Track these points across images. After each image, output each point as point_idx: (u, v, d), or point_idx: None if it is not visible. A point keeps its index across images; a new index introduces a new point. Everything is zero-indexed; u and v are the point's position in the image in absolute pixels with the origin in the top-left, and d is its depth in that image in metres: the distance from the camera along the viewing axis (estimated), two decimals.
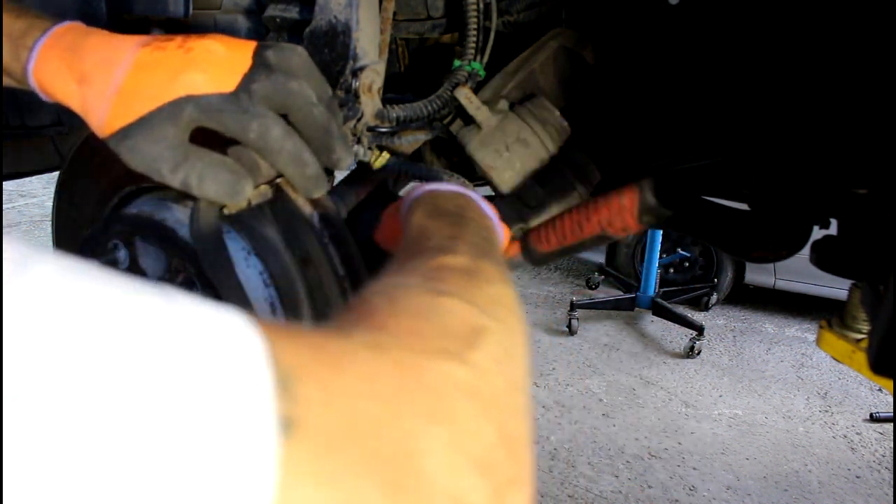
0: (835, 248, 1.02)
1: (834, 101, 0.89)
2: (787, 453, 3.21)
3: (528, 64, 1.03)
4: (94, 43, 0.59)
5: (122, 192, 0.71)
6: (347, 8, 0.83)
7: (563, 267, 5.68)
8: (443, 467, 0.29)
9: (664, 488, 2.83)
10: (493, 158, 0.97)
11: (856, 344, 1.05)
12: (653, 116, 1.14)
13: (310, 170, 0.60)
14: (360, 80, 0.86)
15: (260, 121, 0.57)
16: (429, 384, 0.31)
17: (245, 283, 0.63)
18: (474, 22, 0.95)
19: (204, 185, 0.57)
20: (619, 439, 3.16)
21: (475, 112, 0.96)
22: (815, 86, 0.90)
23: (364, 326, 0.36)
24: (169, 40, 0.58)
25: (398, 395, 0.29)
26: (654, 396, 3.68)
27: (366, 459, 0.26)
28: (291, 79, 0.59)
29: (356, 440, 0.26)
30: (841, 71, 0.85)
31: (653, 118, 1.14)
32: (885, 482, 3.02)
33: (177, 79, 0.56)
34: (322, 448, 0.25)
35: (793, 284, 4.46)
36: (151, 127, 0.56)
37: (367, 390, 0.28)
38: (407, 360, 0.32)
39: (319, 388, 0.26)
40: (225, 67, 0.57)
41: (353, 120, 0.88)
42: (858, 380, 3.85)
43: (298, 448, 0.24)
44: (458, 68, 0.96)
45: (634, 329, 4.52)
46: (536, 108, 0.98)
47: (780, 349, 4.32)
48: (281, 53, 0.59)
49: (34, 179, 6.91)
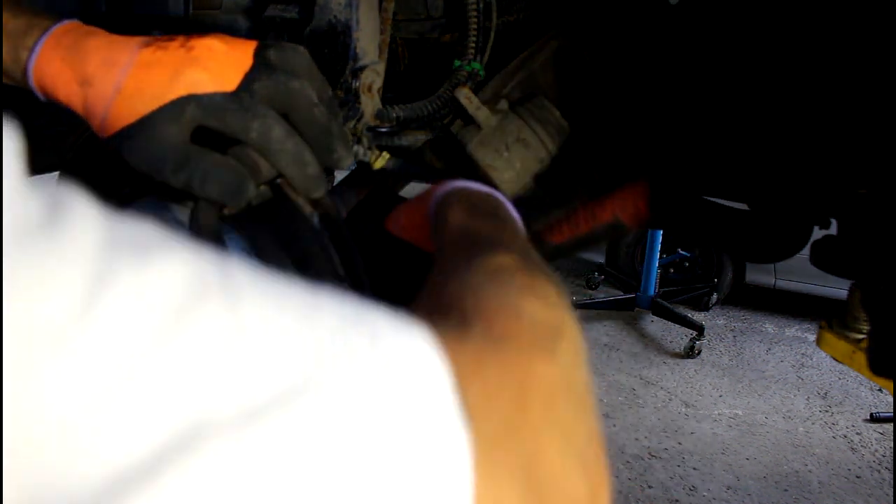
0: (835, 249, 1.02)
1: (834, 101, 0.89)
2: (787, 453, 3.20)
3: (528, 64, 1.03)
4: (96, 43, 0.59)
5: (121, 192, 0.71)
6: (347, 8, 0.83)
7: (563, 267, 5.68)
8: (559, 468, 0.30)
9: (664, 488, 2.83)
10: (493, 158, 0.97)
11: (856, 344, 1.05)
12: (653, 116, 1.14)
13: (310, 170, 0.60)
14: (360, 80, 0.86)
15: (261, 120, 0.57)
16: (539, 384, 0.32)
17: None
18: (474, 22, 0.95)
19: (206, 185, 0.57)
20: (619, 439, 3.16)
21: (475, 112, 0.96)
22: (815, 85, 0.90)
23: (476, 326, 0.37)
24: (171, 40, 0.58)
25: (522, 397, 0.31)
26: (655, 396, 3.68)
27: (506, 462, 0.28)
28: (293, 78, 0.58)
29: (501, 444, 0.28)
30: (841, 71, 0.85)
31: (653, 118, 1.14)
32: (886, 482, 3.01)
33: (178, 77, 0.56)
34: (483, 459, 0.27)
35: (793, 284, 4.46)
36: (153, 126, 0.56)
37: (503, 394, 0.30)
38: (519, 360, 0.33)
39: (480, 396, 0.28)
40: (226, 66, 0.57)
41: (353, 120, 0.88)
42: (859, 380, 3.85)
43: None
44: (458, 68, 0.96)
45: (634, 329, 4.52)
46: (536, 108, 0.98)
47: (781, 349, 4.32)
48: (282, 52, 0.59)
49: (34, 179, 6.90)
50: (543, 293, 0.42)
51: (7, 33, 0.60)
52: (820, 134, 0.93)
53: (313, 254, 0.65)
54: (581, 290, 5.19)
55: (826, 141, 0.93)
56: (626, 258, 4.99)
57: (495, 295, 0.40)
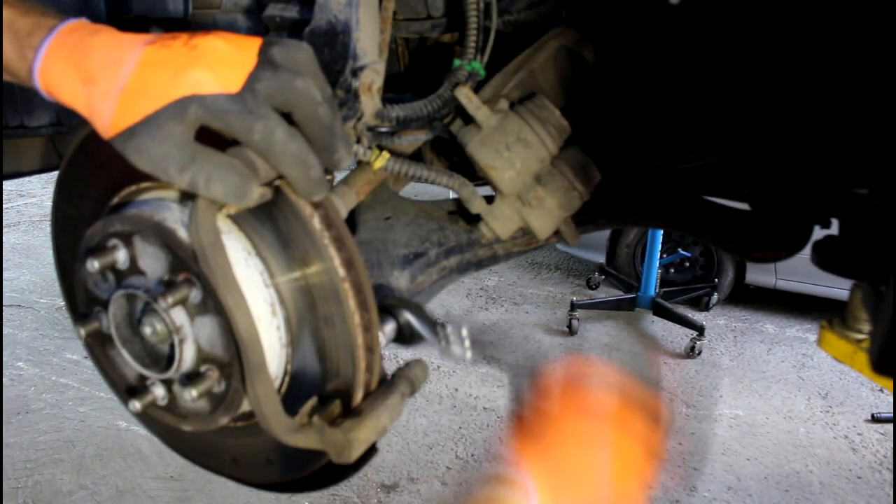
0: (836, 248, 1.02)
1: (834, 101, 0.88)
2: (788, 454, 3.20)
3: (529, 64, 1.02)
4: (101, 42, 0.59)
5: (121, 191, 0.71)
6: (347, 7, 0.83)
7: (563, 267, 5.68)
8: None
9: (664, 488, 2.83)
10: (494, 158, 0.96)
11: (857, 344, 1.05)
12: (653, 116, 1.14)
13: (313, 172, 0.60)
14: (359, 79, 0.86)
15: (264, 122, 0.56)
16: None
17: (244, 284, 0.63)
18: (474, 21, 0.95)
19: (212, 186, 0.56)
20: None
21: (475, 111, 0.96)
22: (815, 86, 0.90)
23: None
24: (174, 38, 0.58)
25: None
26: None
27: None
28: (297, 77, 0.58)
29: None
30: (841, 71, 0.85)
31: (653, 118, 1.14)
32: (887, 483, 3.01)
33: (182, 76, 0.55)
34: None
35: (794, 284, 4.46)
36: (158, 126, 0.55)
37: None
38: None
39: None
40: (230, 65, 0.57)
41: (353, 120, 0.88)
42: (860, 380, 3.85)
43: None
44: (459, 68, 0.96)
45: (635, 329, 4.52)
46: (536, 108, 0.98)
47: (781, 349, 4.32)
48: (286, 51, 0.59)
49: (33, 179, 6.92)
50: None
51: (14, 33, 0.60)
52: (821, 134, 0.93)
53: (313, 255, 0.65)
54: (581, 290, 5.19)
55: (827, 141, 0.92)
56: (626, 258, 4.99)
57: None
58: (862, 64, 0.83)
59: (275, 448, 0.74)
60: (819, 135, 0.93)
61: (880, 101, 0.82)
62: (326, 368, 0.68)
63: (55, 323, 4.45)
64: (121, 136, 0.57)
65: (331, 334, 0.67)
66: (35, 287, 5.01)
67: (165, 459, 3.10)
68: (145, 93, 0.56)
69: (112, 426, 3.36)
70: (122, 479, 3.03)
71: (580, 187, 1.02)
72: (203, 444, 0.80)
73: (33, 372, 3.87)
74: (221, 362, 0.64)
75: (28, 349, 4.11)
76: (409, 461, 3.16)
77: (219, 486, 2.92)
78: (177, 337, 0.63)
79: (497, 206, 1.02)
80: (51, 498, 2.90)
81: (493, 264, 1.10)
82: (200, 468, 0.84)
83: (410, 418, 3.44)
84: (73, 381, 3.78)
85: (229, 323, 0.61)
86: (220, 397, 0.66)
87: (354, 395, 0.67)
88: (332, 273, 0.65)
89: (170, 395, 0.68)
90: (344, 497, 2.90)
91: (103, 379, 0.76)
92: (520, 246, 1.08)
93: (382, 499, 2.92)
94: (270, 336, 0.66)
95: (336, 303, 0.65)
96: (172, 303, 0.61)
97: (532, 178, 0.99)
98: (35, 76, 0.60)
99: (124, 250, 0.65)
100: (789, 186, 1.07)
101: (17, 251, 5.77)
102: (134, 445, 3.22)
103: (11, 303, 4.74)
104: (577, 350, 4.18)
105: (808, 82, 0.90)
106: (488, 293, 5.09)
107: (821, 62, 0.87)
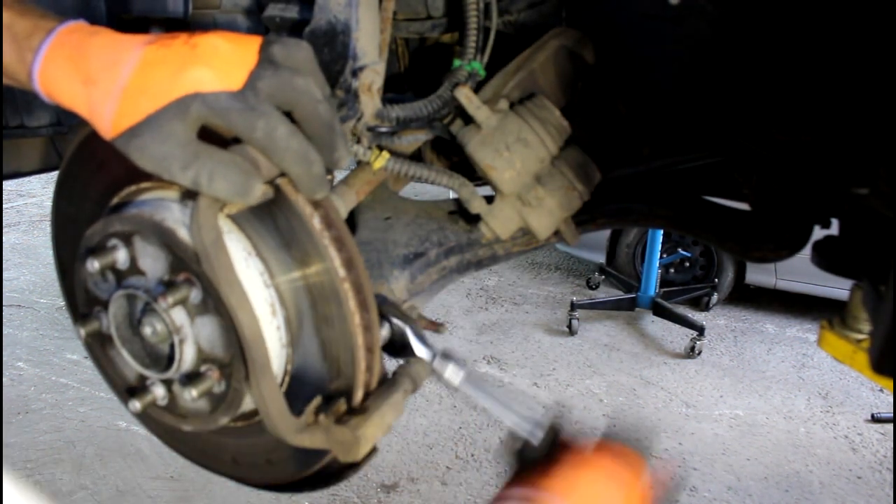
0: (836, 248, 1.02)
1: (835, 101, 0.88)
2: (788, 454, 3.20)
3: (528, 64, 1.02)
4: (100, 43, 0.59)
5: (121, 191, 0.71)
6: (347, 7, 0.83)
7: (563, 267, 5.68)
8: None
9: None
10: (493, 158, 0.96)
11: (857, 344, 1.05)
12: (653, 116, 1.14)
13: (315, 169, 0.60)
14: (359, 79, 0.86)
15: (266, 119, 0.56)
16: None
17: (245, 284, 0.63)
18: (474, 21, 0.95)
19: (215, 183, 0.57)
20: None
21: (475, 112, 0.96)
22: (816, 86, 0.90)
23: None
24: (174, 38, 0.58)
25: None
26: (655, 397, 3.68)
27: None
28: (297, 75, 0.58)
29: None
30: (842, 71, 0.85)
31: (653, 118, 1.14)
32: (887, 483, 3.01)
33: (183, 74, 0.55)
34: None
35: (794, 284, 4.45)
36: (160, 125, 0.55)
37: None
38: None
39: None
40: (231, 63, 0.57)
41: (353, 120, 0.88)
42: (860, 380, 3.85)
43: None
44: (458, 68, 0.96)
45: (635, 329, 4.52)
46: (536, 108, 0.98)
47: (781, 349, 4.32)
48: (286, 49, 0.59)
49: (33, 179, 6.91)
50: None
51: (13, 35, 0.60)
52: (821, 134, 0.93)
53: (313, 255, 0.65)
54: (581, 290, 5.19)
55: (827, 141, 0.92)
56: (626, 258, 4.99)
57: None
58: (862, 64, 0.83)
59: (275, 448, 0.74)
60: (819, 135, 0.93)
61: (880, 101, 0.82)
62: (327, 368, 0.68)
63: (55, 323, 4.45)
64: (123, 136, 0.57)
65: (331, 334, 0.67)
66: (35, 287, 5.01)
67: (165, 459, 3.09)
68: (146, 92, 0.56)
69: (112, 426, 3.36)
70: (122, 479, 3.03)
71: (580, 187, 1.02)
72: (203, 444, 0.81)
73: (33, 372, 3.88)
74: (221, 362, 0.64)
75: (28, 349, 4.11)
76: (409, 461, 3.16)
77: (219, 486, 2.92)
78: (177, 337, 0.63)
79: (497, 206, 1.02)
80: (51, 498, 2.90)
81: (493, 264, 1.10)
82: (200, 468, 0.84)
83: (410, 418, 3.44)
84: (73, 381, 3.78)
85: (231, 323, 0.61)
86: (220, 397, 0.66)
87: (355, 394, 0.67)
88: (333, 273, 0.65)
89: (170, 395, 0.68)
90: (344, 497, 2.90)
91: (103, 379, 0.76)
92: (520, 246, 1.08)
93: (382, 499, 2.92)
94: (271, 336, 0.66)
95: (336, 303, 0.65)
96: (172, 303, 0.61)
97: (532, 178, 1.00)
98: (34, 78, 0.60)
99: (124, 250, 0.65)
100: (789, 186, 1.06)
101: (17, 251, 5.77)
102: (134, 445, 3.22)
103: (11, 303, 4.74)
104: (578, 350, 4.19)
105: (808, 82, 0.90)
106: (488, 293, 5.09)
107: (821, 62, 0.87)
